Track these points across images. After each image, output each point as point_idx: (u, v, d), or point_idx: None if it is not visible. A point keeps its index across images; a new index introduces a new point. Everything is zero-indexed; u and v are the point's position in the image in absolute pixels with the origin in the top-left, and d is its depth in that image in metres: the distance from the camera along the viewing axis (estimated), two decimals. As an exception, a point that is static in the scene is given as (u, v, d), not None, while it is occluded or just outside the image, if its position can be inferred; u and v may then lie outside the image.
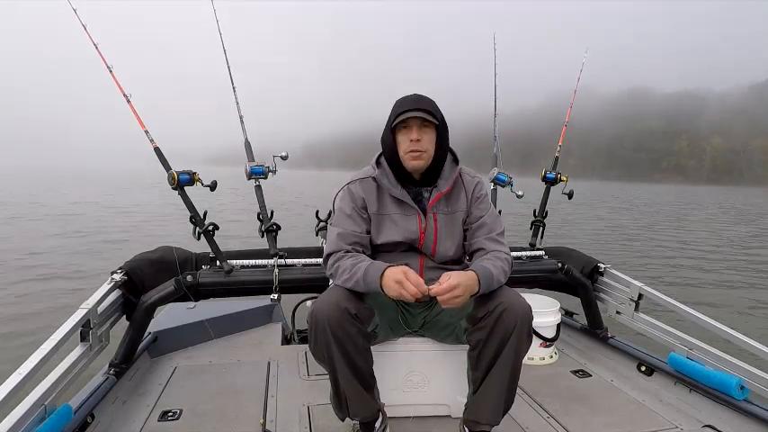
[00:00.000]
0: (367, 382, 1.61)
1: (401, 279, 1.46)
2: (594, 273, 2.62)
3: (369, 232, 1.73)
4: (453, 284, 1.44)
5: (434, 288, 1.45)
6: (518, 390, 1.62)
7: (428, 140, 1.65)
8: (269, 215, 2.47)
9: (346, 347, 1.51)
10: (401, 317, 1.82)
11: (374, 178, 1.73)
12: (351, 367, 1.54)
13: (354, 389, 1.57)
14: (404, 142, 1.65)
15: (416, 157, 1.65)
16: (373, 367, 1.64)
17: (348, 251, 1.65)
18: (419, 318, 1.82)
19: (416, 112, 1.61)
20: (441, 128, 1.67)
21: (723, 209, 29.72)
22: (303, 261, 2.42)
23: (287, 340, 2.94)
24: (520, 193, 2.76)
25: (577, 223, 16.87)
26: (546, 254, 2.74)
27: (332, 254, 1.66)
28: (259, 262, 2.40)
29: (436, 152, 1.68)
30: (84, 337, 1.84)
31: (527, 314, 1.53)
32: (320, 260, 2.40)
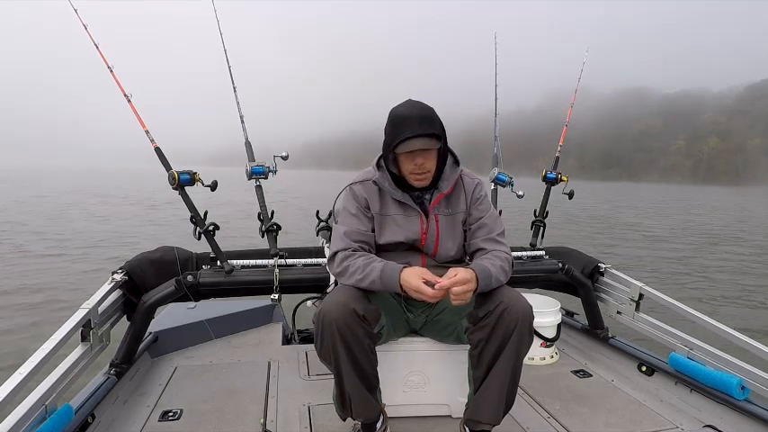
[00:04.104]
0: (371, 383, 1.61)
1: (425, 274, 1.48)
2: (595, 273, 2.62)
3: (373, 231, 1.73)
4: (467, 278, 1.45)
5: (447, 280, 1.45)
6: (518, 390, 1.62)
7: (431, 160, 1.64)
8: (269, 215, 2.46)
9: (353, 349, 1.50)
10: (404, 317, 1.82)
11: (375, 181, 1.72)
12: (356, 369, 1.54)
13: (358, 390, 1.57)
14: (407, 163, 1.63)
15: (421, 179, 1.65)
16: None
17: (355, 249, 1.64)
18: (421, 318, 1.82)
19: (421, 138, 1.56)
20: (442, 139, 1.64)
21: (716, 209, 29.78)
22: (303, 261, 2.42)
23: (287, 340, 2.93)
24: (520, 192, 2.76)
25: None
26: (546, 254, 2.75)
27: (339, 252, 1.64)
28: (259, 262, 2.39)
29: (437, 161, 1.67)
30: (84, 337, 1.83)
31: (528, 313, 1.53)
32: (320, 260, 2.40)
